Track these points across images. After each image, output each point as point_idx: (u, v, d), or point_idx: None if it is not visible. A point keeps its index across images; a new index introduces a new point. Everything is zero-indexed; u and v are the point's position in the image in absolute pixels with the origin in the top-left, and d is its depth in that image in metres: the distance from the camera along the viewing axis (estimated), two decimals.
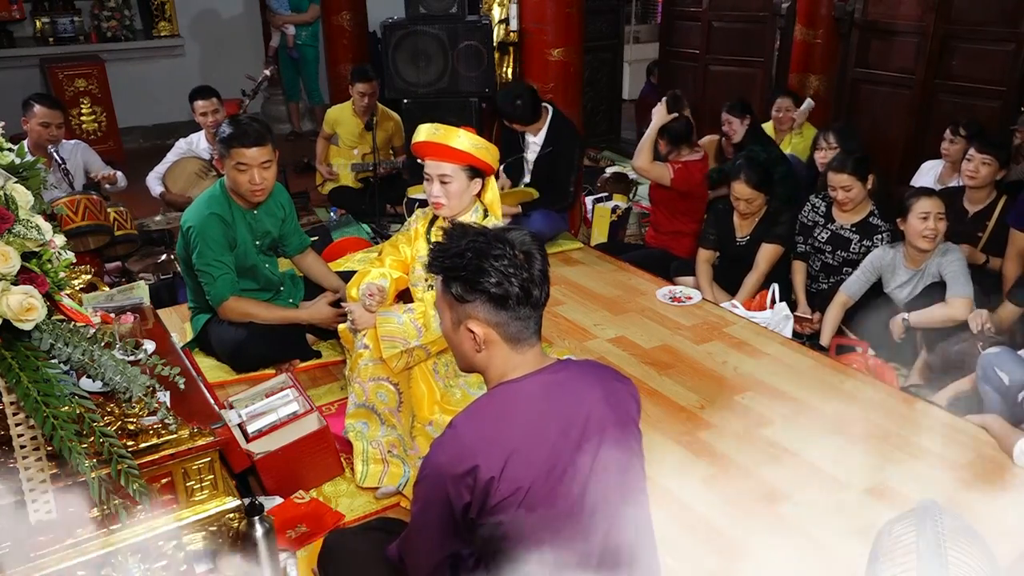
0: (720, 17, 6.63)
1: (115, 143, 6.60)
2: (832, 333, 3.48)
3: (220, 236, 2.89)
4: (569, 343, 3.32)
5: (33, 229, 1.46)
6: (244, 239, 2.98)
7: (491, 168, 2.56)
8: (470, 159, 2.48)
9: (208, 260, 2.88)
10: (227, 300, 2.93)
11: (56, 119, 4.13)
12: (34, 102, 4.10)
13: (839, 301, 3.51)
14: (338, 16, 6.65)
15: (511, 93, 4.30)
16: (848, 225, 3.74)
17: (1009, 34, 4.89)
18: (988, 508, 2.30)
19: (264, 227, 3.05)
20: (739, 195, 3.79)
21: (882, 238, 3.64)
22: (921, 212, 3.26)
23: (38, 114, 4.06)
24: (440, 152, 2.46)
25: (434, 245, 1.53)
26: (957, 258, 3.28)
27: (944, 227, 3.26)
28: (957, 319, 3.16)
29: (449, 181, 2.49)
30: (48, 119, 4.08)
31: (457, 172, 2.49)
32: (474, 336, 1.49)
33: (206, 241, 2.87)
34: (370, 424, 2.47)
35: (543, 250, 1.53)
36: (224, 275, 2.91)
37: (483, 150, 2.49)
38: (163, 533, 1.73)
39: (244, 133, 2.81)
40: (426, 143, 2.48)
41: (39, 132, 4.08)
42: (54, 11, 6.77)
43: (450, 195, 2.50)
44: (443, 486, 1.43)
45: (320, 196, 5.55)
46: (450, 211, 2.54)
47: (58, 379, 1.46)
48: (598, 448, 1.48)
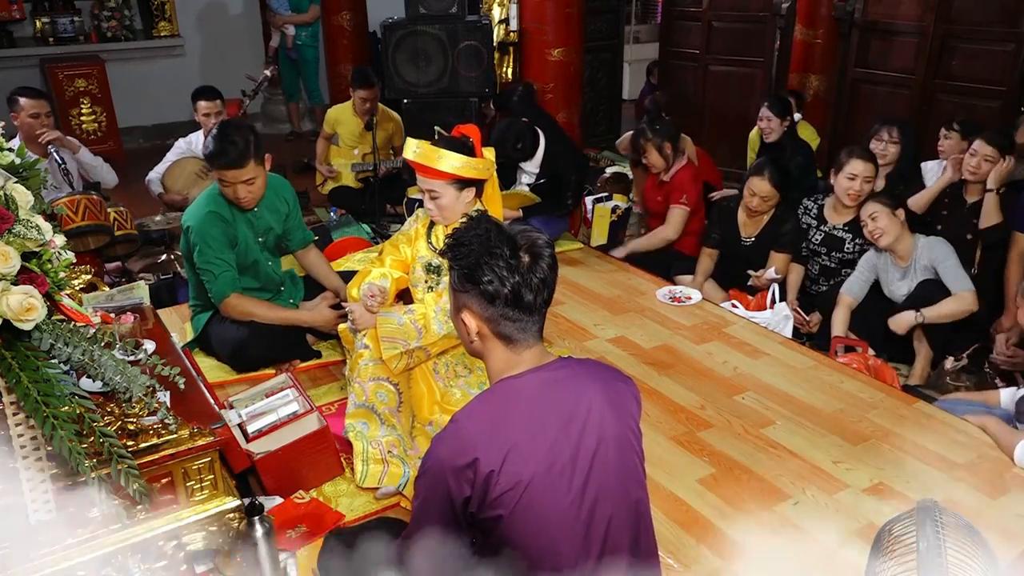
0: (720, 17, 6.63)
1: (115, 143, 6.59)
2: (840, 334, 3.48)
3: (220, 234, 2.89)
4: (569, 343, 3.32)
5: (33, 229, 1.46)
6: (245, 236, 2.98)
7: (481, 177, 2.53)
8: (455, 176, 2.46)
9: (209, 258, 2.88)
10: (228, 298, 2.93)
11: (43, 108, 4.10)
12: (18, 96, 4.07)
13: (844, 303, 3.51)
14: (338, 16, 6.65)
15: (511, 135, 4.19)
16: (840, 225, 3.74)
17: (1009, 34, 4.90)
18: (988, 508, 2.31)
19: (266, 223, 3.05)
20: (758, 191, 3.74)
21: None
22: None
23: (25, 106, 4.04)
24: (424, 171, 2.47)
25: (454, 229, 1.59)
26: (948, 253, 3.29)
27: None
28: (968, 311, 3.20)
29: (438, 196, 2.50)
30: (36, 109, 4.06)
31: (445, 188, 2.48)
32: (467, 327, 1.55)
33: (206, 240, 2.87)
34: (370, 424, 2.47)
35: (553, 259, 1.54)
36: (225, 272, 2.91)
37: (468, 168, 2.45)
38: (163, 533, 1.73)
39: (223, 152, 2.75)
40: (418, 164, 2.47)
41: (30, 124, 4.05)
42: (54, 11, 6.76)
43: (441, 208, 2.52)
44: (444, 479, 1.44)
45: (320, 196, 5.55)
46: (445, 221, 2.56)
47: (58, 379, 1.46)
48: (598, 446, 1.49)
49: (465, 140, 2.49)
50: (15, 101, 4.06)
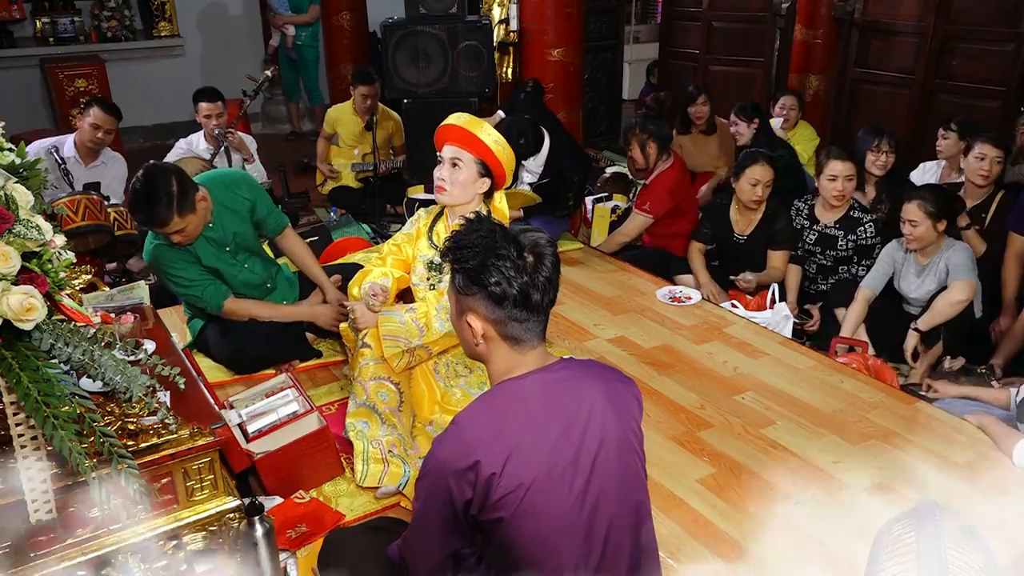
0: (720, 17, 6.64)
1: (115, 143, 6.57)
2: (854, 328, 3.48)
3: (178, 259, 2.81)
4: (569, 343, 3.32)
5: (33, 229, 1.46)
6: (207, 253, 2.87)
7: (502, 174, 2.55)
8: (487, 154, 2.48)
9: (183, 283, 2.84)
10: (224, 307, 2.92)
11: (107, 123, 4.24)
12: (94, 103, 4.27)
13: (862, 297, 3.49)
14: (338, 16, 6.66)
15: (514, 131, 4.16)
16: (832, 223, 3.75)
17: (1009, 34, 4.90)
18: (988, 508, 2.31)
19: (228, 230, 2.91)
20: (760, 178, 3.71)
21: (865, 230, 3.66)
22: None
23: (93, 115, 4.19)
24: (461, 137, 2.48)
25: (453, 232, 1.56)
26: (962, 248, 3.32)
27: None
28: (960, 300, 3.20)
29: (460, 166, 2.49)
30: (99, 122, 4.20)
31: (470, 162, 2.49)
32: (472, 330, 1.52)
33: (170, 270, 2.82)
34: (371, 424, 2.47)
35: (556, 257, 1.52)
36: (208, 287, 2.87)
37: (502, 151, 2.50)
38: (163, 533, 1.74)
39: (144, 217, 2.63)
40: (452, 126, 2.50)
41: (88, 133, 4.21)
42: (54, 11, 6.76)
43: (455, 182, 2.50)
44: (445, 481, 1.44)
45: (320, 196, 5.55)
46: (451, 198, 2.53)
47: (58, 379, 1.46)
48: (599, 447, 1.48)
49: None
50: (90, 105, 4.27)
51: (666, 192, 4.12)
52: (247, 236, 2.99)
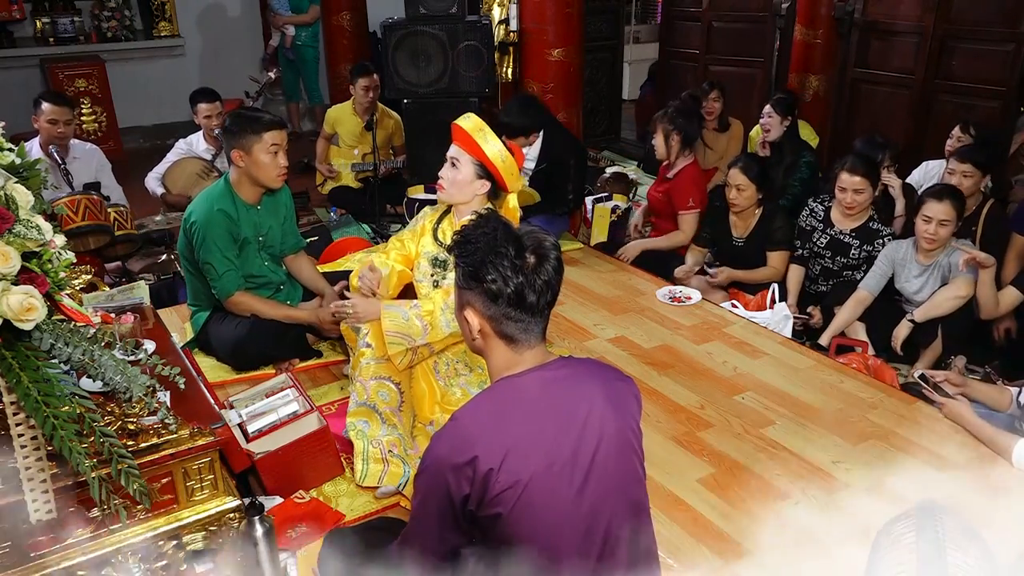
0: (720, 17, 6.63)
1: (115, 143, 6.59)
2: (842, 326, 3.48)
3: (225, 232, 2.90)
4: (569, 343, 3.32)
5: (33, 229, 1.46)
6: (247, 234, 2.99)
7: (503, 183, 2.56)
8: (486, 162, 2.51)
9: (213, 255, 2.89)
10: (233, 296, 2.95)
11: (63, 116, 4.15)
12: (42, 99, 4.15)
13: (858, 298, 3.50)
14: (338, 16, 6.65)
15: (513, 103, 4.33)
16: (848, 230, 3.71)
17: (1009, 34, 4.90)
18: (988, 508, 2.30)
19: (267, 224, 3.06)
20: (732, 180, 3.80)
21: (883, 243, 3.62)
22: (925, 215, 3.34)
23: (45, 111, 4.10)
24: (463, 139, 2.52)
25: (462, 226, 1.59)
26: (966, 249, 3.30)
27: (947, 232, 3.30)
28: (960, 295, 3.20)
29: (457, 166, 2.53)
30: (55, 116, 4.12)
31: (468, 163, 2.52)
32: (469, 325, 1.55)
33: (212, 237, 2.88)
34: (371, 423, 2.47)
35: (559, 261, 1.55)
36: (229, 271, 2.92)
37: (502, 163, 2.51)
38: (163, 533, 1.74)
39: (265, 115, 2.93)
40: (457, 127, 2.54)
41: (48, 130, 4.13)
42: (54, 11, 6.77)
43: (452, 181, 2.54)
44: (443, 477, 1.44)
45: (320, 196, 5.55)
46: (448, 196, 2.58)
47: (58, 379, 1.47)
48: (598, 445, 1.48)
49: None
50: (38, 103, 4.14)
51: (694, 185, 4.18)
52: (275, 239, 3.11)
